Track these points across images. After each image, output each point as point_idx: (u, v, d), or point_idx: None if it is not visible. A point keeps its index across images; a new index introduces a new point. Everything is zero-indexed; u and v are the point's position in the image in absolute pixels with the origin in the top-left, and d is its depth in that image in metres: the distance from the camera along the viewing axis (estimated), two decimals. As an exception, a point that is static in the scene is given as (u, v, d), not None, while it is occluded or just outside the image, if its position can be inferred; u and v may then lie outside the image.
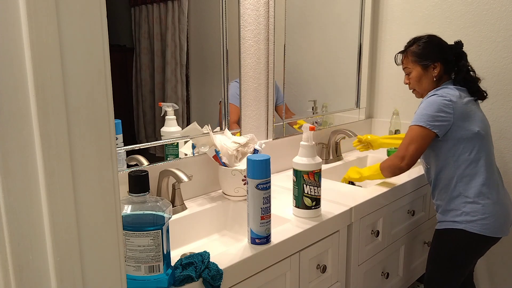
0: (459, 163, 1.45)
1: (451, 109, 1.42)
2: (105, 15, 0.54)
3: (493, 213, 1.43)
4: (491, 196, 1.44)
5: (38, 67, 0.48)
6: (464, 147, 1.44)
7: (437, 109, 1.42)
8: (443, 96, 1.44)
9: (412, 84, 1.59)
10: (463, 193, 1.45)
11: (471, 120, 1.45)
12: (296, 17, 1.79)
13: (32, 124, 0.49)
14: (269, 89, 1.72)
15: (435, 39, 1.55)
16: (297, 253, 1.19)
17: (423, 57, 1.53)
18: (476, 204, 1.43)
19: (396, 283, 1.75)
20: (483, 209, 1.43)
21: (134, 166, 1.30)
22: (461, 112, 1.43)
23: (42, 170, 0.50)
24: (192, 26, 1.41)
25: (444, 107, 1.42)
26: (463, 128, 1.43)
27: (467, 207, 1.44)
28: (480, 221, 1.43)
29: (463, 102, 1.46)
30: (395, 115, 2.09)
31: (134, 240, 0.84)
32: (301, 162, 1.26)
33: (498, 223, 1.44)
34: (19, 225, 0.50)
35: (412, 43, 1.57)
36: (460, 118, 1.43)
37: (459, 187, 1.46)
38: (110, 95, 0.56)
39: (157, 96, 1.36)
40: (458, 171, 1.46)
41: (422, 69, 1.54)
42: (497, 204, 1.45)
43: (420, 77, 1.55)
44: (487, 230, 1.43)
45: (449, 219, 1.48)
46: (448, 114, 1.42)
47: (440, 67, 1.52)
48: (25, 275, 0.51)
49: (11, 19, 0.47)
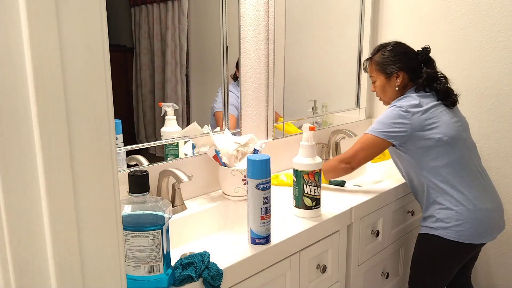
0: (427, 171, 1.44)
1: (407, 119, 1.41)
2: (105, 15, 0.54)
3: (468, 219, 1.40)
4: (466, 202, 1.40)
5: (38, 67, 0.48)
6: (428, 155, 1.43)
7: (392, 120, 1.42)
8: (400, 107, 1.43)
9: (377, 93, 1.60)
10: (436, 200, 1.45)
11: (432, 128, 1.41)
12: (296, 17, 1.79)
13: (32, 124, 0.49)
14: (269, 89, 1.72)
15: (399, 47, 1.54)
16: (297, 253, 1.19)
17: (386, 66, 1.53)
18: (450, 210, 1.42)
19: (396, 283, 1.75)
20: (457, 215, 1.40)
21: (134, 166, 1.30)
22: (419, 122, 1.41)
23: (42, 170, 0.50)
24: (192, 26, 1.41)
25: (399, 119, 1.41)
26: (422, 137, 1.41)
27: (441, 214, 1.43)
28: (454, 227, 1.41)
29: (422, 110, 1.42)
30: (395, 115, 2.08)
31: (134, 240, 0.84)
32: (301, 162, 1.26)
33: (474, 229, 1.40)
34: (19, 225, 0.50)
35: (377, 51, 1.57)
36: (418, 128, 1.41)
37: (432, 194, 1.46)
38: (110, 95, 0.56)
39: (157, 96, 1.36)
40: (427, 179, 1.45)
41: (385, 78, 1.54)
42: (474, 210, 1.40)
43: (384, 86, 1.55)
44: (463, 237, 1.40)
45: (426, 225, 1.49)
46: (404, 124, 1.41)
47: (403, 76, 1.51)
48: (25, 275, 0.51)
49: (11, 19, 0.47)
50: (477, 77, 1.90)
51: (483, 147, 1.90)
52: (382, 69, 1.54)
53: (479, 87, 1.90)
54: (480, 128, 1.90)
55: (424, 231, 1.49)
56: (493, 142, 1.89)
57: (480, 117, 1.91)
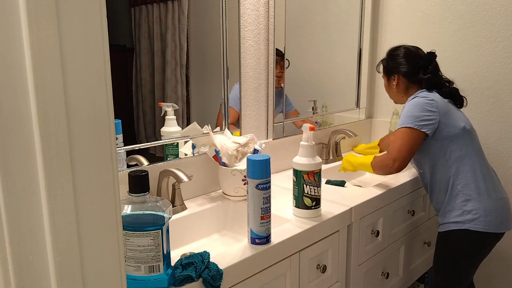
0: (452, 161, 1.45)
1: (435, 107, 1.45)
2: (105, 15, 0.54)
3: (494, 208, 1.43)
4: (489, 191, 1.44)
5: (38, 67, 0.48)
6: (454, 144, 1.45)
7: (421, 109, 1.45)
8: (425, 97, 1.47)
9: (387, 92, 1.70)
10: (462, 191, 1.45)
11: (455, 117, 1.48)
12: (296, 18, 1.79)
13: (32, 124, 0.49)
14: (269, 89, 1.72)
15: (401, 52, 1.60)
16: (297, 253, 1.19)
17: (386, 69, 1.65)
18: (476, 201, 1.43)
19: (396, 283, 1.75)
20: (484, 205, 1.42)
21: (134, 166, 1.30)
22: (444, 110, 1.46)
23: (42, 170, 0.50)
24: (192, 26, 1.41)
25: (428, 106, 1.45)
26: (449, 125, 1.45)
27: (468, 205, 1.43)
28: (482, 218, 1.41)
29: (444, 101, 1.49)
30: (395, 115, 2.09)
31: (134, 240, 0.84)
32: (301, 162, 1.26)
33: (500, 218, 1.43)
34: (19, 225, 0.50)
35: (386, 54, 1.66)
36: (445, 116, 1.45)
37: (457, 185, 1.45)
38: (110, 95, 0.56)
39: (157, 96, 1.36)
40: (452, 169, 1.46)
41: (387, 80, 1.66)
42: (496, 199, 1.44)
43: (388, 88, 1.67)
44: (492, 227, 1.42)
45: (451, 220, 1.47)
46: (433, 112, 1.44)
47: (401, 80, 1.59)
48: (25, 275, 0.51)
49: (11, 19, 0.47)
50: (477, 77, 1.90)
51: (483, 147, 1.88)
52: (384, 72, 1.66)
53: (479, 87, 1.90)
54: (480, 128, 1.90)
55: (449, 227, 1.47)
56: (493, 142, 1.89)
57: (480, 117, 1.91)
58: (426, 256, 1.93)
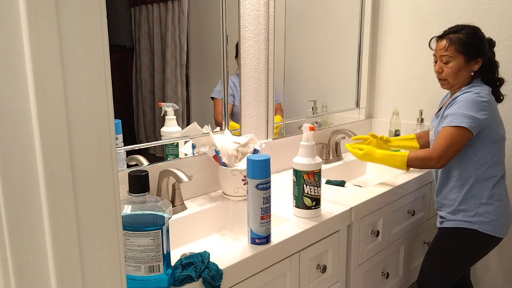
0: (480, 165, 1.44)
1: (488, 111, 1.39)
2: (105, 15, 0.54)
3: (503, 215, 1.45)
4: (502, 197, 1.45)
5: (38, 67, 0.48)
6: (488, 149, 1.43)
7: (477, 110, 1.38)
8: (482, 96, 1.39)
9: (446, 74, 1.47)
10: (478, 194, 1.44)
11: (499, 123, 1.45)
12: (296, 17, 1.79)
13: (32, 124, 0.49)
14: (269, 89, 1.72)
15: (480, 32, 1.47)
16: (297, 253, 1.19)
17: (468, 49, 1.43)
18: (490, 205, 1.44)
19: (396, 283, 1.75)
20: (495, 210, 1.43)
21: (134, 166, 1.30)
22: (494, 115, 1.42)
23: (42, 170, 0.50)
24: (192, 26, 1.41)
25: (483, 109, 1.38)
26: (493, 131, 1.42)
27: (481, 208, 1.44)
28: (492, 222, 1.43)
29: (494, 102, 1.45)
30: (395, 115, 2.09)
31: (134, 240, 0.84)
32: (301, 162, 1.26)
33: (506, 224, 1.46)
34: (19, 225, 0.50)
35: (458, 30, 1.46)
36: (493, 121, 1.41)
37: (475, 188, 1.45)
38: (110, 95, 0.56)
39: (157, 96, 1.36)
40: (477, 172, 1.44)
41: (465, 61, 1.44)
42: (506, 205, 1.47)
43: (460, 69, 1.44)
44: (498, 231, 1.44)
45: (460, 219, 1.47)
46: (486, 116, 1.38)
47: (481, 63, 1.46)
48: (25, 275, 0.51)
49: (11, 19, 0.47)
50: (477, 77, 1.89)
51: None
52: (465, 51, 1.43)
53: (479, 87, 1.90)
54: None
55: (456, 224, 1.48)
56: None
57: (480, 117, 1.90)
58: (426, 256, 1.93)
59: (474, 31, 1.46)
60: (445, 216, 1.53)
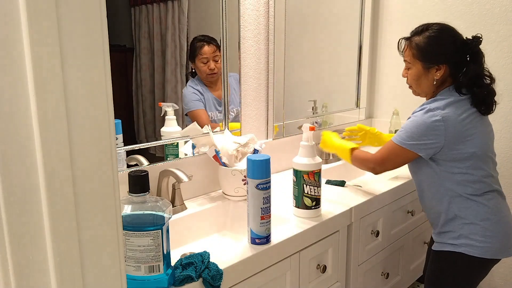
0: (453, 184, 1.30)
1: (442, 131, 1.24)
2: (105, 15, 0.54)
3: (494, 234, 1.29)
4: (491, 215, 1.29)
5: (38, 67, 0.48)
6: (458, 167, 1.28)
7: (424, 132, 1.25)
8: (435, 115, 1.25)
9: (409, 80, 1.38)
10: (459, 214, 1.31)
11: (466, 141, 1.26)
12: (296, 17, 1.79)
13: (32, 124, 0.49)
14: (269, 89, 1.72)
15: (446, 34, 1.31)
16: (297, 253, 1.19)
17: (427, 55, 1.30)
18: (474, 225, 1.29)
19: (396, 283, 1.75)
20: (482, 230, 1.28)
21: (134, 166, 1.30)
22: (454, 134, 1.25)
23: (42, 170, 0.50)
24: (192, 26, 1.41)
25: (433, 131, 1.25)
26: (454, 149, 1.26)
27: (465, 229, 1.30)
28: (480, 243, 1.28)
29: (460, 119, 1.25)
30: (395, 115, 2.09)
31: (134, 240, 0.84)
32: (301, 162, 1.26)
33: (499, 244, 1.30)
34: (19, 225, 0.50)
35: (419, 32, 1.33)
36: (452, 141, 1.25)
37: (454, 208, 1.31)
38: (110, 95, 0.56)
39: (157, 96, 1.36)
40: (451, 192, 1.31)
41: (423, 68, 1.32)
42: (498, 222, 1.30)
43: (419, 77, 1.34)
44: (489, 253, 1.29)
45: (446, 241, 1.34)
46: (437, 136, 1.25)
47: (445, 70, 1.30)
48: (25, 275, 0.51)
49: (11, 19, 0.47)
50: (477, 77, 1.89)
51: (483, 147, 1.90)
52: (422, 57, 1.31)
53: (479, 87, 1.90)
54: (480, 128, 1.89)
55: (444, 248, 1.35)
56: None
57: (480, 117, 1.90)
58: (426, 256, 1.93)
59: (438, 33, 1.30)
60: (434, 237, 1.41)
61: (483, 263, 1.31)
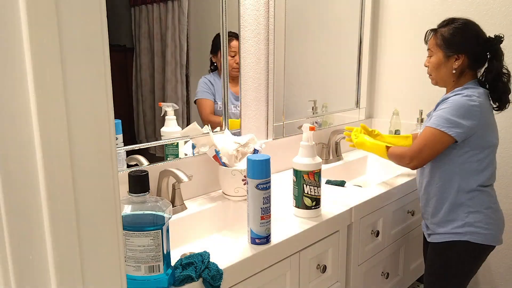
0: (466, 172, 1.36)
1: (477, 116, 1.30)
2: (105, 15, 0.54)
3: (494, 221, 1.37)
4: (491, 204, 1.38)
5: (38, 67, 0.48)
6: (475, 155, 1.35)
7: (463, 115, 1.30)
8: (473, 100, 1.31)
9: (430, 69, 1.45)
10: (466, 202, 1.37)
11: (491, 130, 1.36)
12: (296, 17, 1.79)
13: (32, 124, 0.49)
14: (269, 89, 1.72)
15: (469, 27, 1.38)
16: (297, 253, 1.19)
17: (448, 44, 1.37)
18: (479, 213, 1.36)
19: (396, 283, 1.75)
20: (485, 218, 1.36)
21: (134, 166, 1.30)
22: (485, 121, 1.33)
23: (42, 170, 0.50)
24: (192, 26, 1.41)
25: (471, 114, 1.30)
26: (482, 138, 1.33)
27: (470, 217, 1.36)
28: (484, 230, 1.35)
29: (490, 109, 1.36)
30: (395, 115, 2.09)
31: (134, 240, 0.84)
32: (301, 162, 1.26)
33: (498, 231, 1.39)
34: (19, 225, 0.50)
35: (445, 24, 1.40)
36: (483, 127, 1.32)
37: (461, 196, 1.37)
38: (110, 95, 0.56)
39: (157, 96, 1.36)
40: (463, 179, 1.36)
41: (444, 57, 1.39)
42: (497, 211, 1.40)
43: (439, 65, 1.40)
44: (490, 239, 1.37)
45: (450, 231, 1.39)
46: (473, 122, 1.30)
47: (464, 61, 1.36)
48: (25, 275, 0.51)
49: (11, 19, 0.47)
50: (477, 77, 1.89)
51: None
52: (443, 45, 1.38)
53: (479, 87, 1.90)
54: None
55: (449, 238, 1.39)
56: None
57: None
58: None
59: (462, 26, 1.38)
60: (432, 228, 1.45)
61: (485, 249, 1.38)
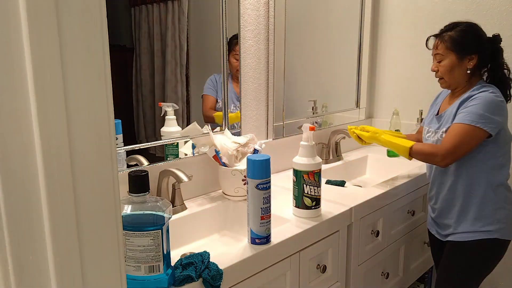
0: (492, 167, 1.38)
1: (505, 111, 1.35)
2: (105, 15, 0.54)
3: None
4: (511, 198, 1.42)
5: (38, 67, 0.48)
6: (500, 150, 1.38)
7: (494, 110, 1.32)
8: (498, 96, 1.34)
9: (441, 72, 1.44)
10: (493, 198, 1.38)
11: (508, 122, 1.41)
12: (296, 17, 1.79)
13: (32, 124, 0.49)
14: (269, 89, 1.72)
15: (475, 28, 1.42)
16: (297, 253, 1.19)
17: (461, 46, 1.39)
18: (504, 209, 1.39)
19: (396, 283, 1.75)
20: (509, 213, 1.39)
21: (134, 166, 1.30)
22: (506, 113, 1.37)
23: (42, 170, 0.50)
24: (192, 26, 1.41)
25: (500, 109, 1.33)
26: (505, 133, 1.37)
27: (498, 213, 1.38)
28: (509, 226, 1.39)
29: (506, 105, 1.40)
30: (395, 115, 2.09)
31: (134, 240, 0.84)
32: (301, 162, 1.26)
33: None
34: (19, 225, 0.50)
35: (451, 28, 1.42)
36: (506, 122, 1.37)
37: (490, 192, 1.38)
38: (110, 95, 0.56)
39: (157, 96, 1.36)
40: (489, 175, 1.38)
41: (457, 59, 1.40)
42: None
43: (453, 67, 1.41)
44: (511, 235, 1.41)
45: (478, 229, 1.39)
46: (502, 117, 1.34)
47: (477, 60, 1.39)
48: (25, 275, 0.51)
49: (11, 19, 0.47)
50: (477, 77, 1.89)
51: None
52: (456, 48, 1.39)
53: (479, 87, 1.90)
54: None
55: (478, 236, 1.39)
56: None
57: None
58: (426, 256, 1.93)
59: (469, 28, 1.41)
60: (454, 226, 1.44)
61: (507, 244, 1.42)
